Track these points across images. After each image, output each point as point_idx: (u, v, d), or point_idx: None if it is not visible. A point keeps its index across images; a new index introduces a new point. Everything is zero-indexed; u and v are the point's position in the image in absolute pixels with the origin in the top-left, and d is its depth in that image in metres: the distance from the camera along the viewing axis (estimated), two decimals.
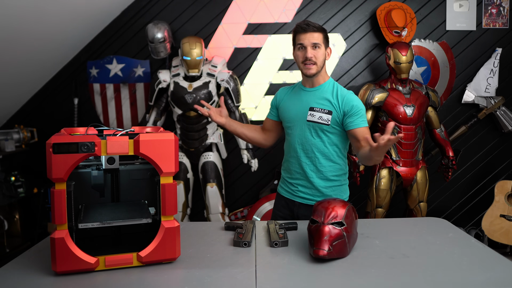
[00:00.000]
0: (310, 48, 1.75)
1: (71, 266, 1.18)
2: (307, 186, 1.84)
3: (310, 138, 1.80)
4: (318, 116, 1.76)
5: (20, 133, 3.19)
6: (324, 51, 1.79)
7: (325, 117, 1.76)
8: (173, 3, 3.30)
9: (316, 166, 1.81)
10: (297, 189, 1.87)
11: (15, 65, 2.87)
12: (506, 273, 1.20)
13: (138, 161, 1.42)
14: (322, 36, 1.77)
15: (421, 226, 1.67)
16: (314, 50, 1.76)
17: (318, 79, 1.82)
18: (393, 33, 3.12)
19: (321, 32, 1.77)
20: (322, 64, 1.79)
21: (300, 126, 1.81)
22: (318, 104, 1.78)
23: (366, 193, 3.06)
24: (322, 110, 1.77)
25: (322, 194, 1.82)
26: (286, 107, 1.88)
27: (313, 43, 1.75)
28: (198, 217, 3.33)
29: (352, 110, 1.74)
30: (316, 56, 1.76)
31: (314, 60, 1.75)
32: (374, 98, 2.87)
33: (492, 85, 3.29)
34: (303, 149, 1.82)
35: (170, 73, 3.00)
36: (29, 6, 2.41)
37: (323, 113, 1.76)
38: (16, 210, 3.20)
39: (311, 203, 1.80)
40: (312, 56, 1.75)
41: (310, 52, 1.75)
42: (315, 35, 1.75)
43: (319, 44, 1.75)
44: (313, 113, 1.77)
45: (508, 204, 3.03)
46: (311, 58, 1.75)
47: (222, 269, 1.24)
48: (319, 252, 1.26)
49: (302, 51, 1.77)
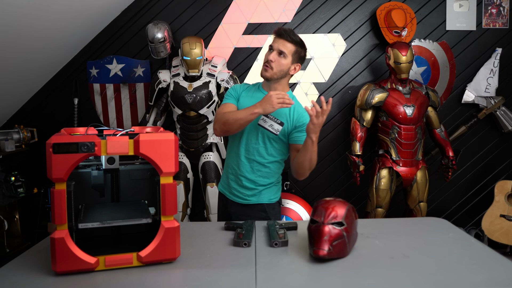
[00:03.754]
0: (276, 52, 1.75)
1: (71, 266, 1.18)
2: (238, 183, 1.87)
3: (254, 142, 1.82)
4: (270, 124, 1.78)
5: (20, 133, 3.19)
6: (288, 62, 1.77)
7: (276, 127, 1.77)
8: (173, 3, 3.30)
9: (253, 168, 1.83)
10: (231, 185, 1.90)
11: (15, 65, 2.87)
12: (506, 273, 1.20)
13: (138, 161, 1.41)
14: (294, 49, 1.76)
15: (421, 226, 1.67)
16: (278, 56, 1.75)
17: (277, 87, 1.81)
18: (393, 33, 3.12)
19: (294, 44, 1.76)
20: (280, 73, 1.77)
21: (249, 127, 1.80)
22: (273, 113, 1.76)
23: (366, 193, 3.07)
24: (275, 119, 1.78)
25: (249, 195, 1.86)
26: (243, 104, 1.85)
27: (279, 50, 1.75)
28: (198, 217, 3.33)
29: (303, 126, 1.75)
30: (277, 62, 1.75)
31: (272, 64, 1.75)
32: (374, 98, 2.87)
33: (492, 85, 3.29)
34: (245, 149, 1.83)
35: (170, 73, 3.00)
36: (29, 6, 2.41)
37: (275, 122, 1.78)
38: (16, 210, 3.20)
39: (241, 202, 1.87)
40: (272, 59, 1.74)
41: (273, 55, 1.75)
42: (287, 45, 1.75)
43: (285, 53, 1.75)
44: (266, 119, 1.78)
45: (508, 204, 3.03)
46: (270, 61, 1.75)
47: (222, 269, 1.24)
48: (319, 252, 1.26)
49: (269, 53, 1.78)
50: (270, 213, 1.88)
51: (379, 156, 2.96)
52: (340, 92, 3.36)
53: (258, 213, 1.86)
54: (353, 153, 2.96)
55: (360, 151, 2.96)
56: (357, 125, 2.98)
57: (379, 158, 2.95)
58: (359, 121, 2.97)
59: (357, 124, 2.98)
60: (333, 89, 3.36)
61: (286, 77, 1.82)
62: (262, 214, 1.86)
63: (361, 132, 2.96)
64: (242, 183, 1.87)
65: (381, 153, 2.95)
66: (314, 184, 3.41)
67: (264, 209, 1.88)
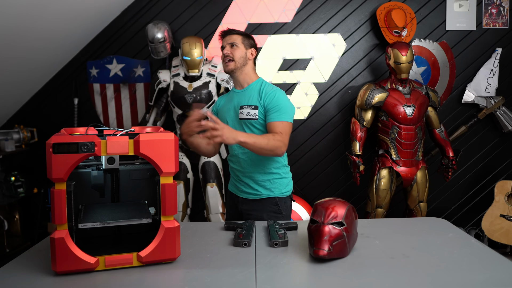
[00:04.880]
0: (228, 46, 1.89)
1: (71, 266, 1.18)
2: (248, 182, 1.91)
3: None
4: (247, 112, 1.87)
5: (20, 133, 3.19)
6: (243, 50, 1.90)
7: (252, 112, 1.85)
8: (173, 3, 3.30)
9: (254, 161, 1.87)
10: (241, 185, 1.94)
11: (15, 65, 2.87)
12: (506, 273, 1.20)
13: (138, 161, 1.41)
14: (240, 37, 1.90)
15: (421, 226, 1.67)
16: (231, 48, 1.88)
17: (245, 78, 1.93)
18: (393, 33, 3.13)
19: (239, 34, 1.91)
20: (241, 61, 1.89)
21: (234, 126, 1.88)
22: (246, 102, 1.87)
23: (366, 193, 3.07)
24: (249, 106, 1.87)
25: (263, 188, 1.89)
26: (223, 112, 1.97)
27: (229, 43, 1.89)
28: (198, 217, 3.33)
29: (270, 106, 1.82)
30: (233, 54, 1.87)
31: (230, 56, 1.87)
32: (374, 98, 2.87)
33: (492, 85, 3.29)
34: (239, 147, 1.87)
35: (170, 73, 3.00)
36: (29, 5, 2.41)
37: (250, 109, 1.86)
38: (16, 210, 3.20)
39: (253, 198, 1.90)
40: (228, 52, 1.87)
41: (227, 49, 1.88)
42: (233, 37, 1.89)
43: (236, 43, 1.88)
44: (243, 110, 1.88)
45: (508, 204, 3.03)
46: (227, 54, 1.87)
47: (222, 269, 1.24)
48: (319, 252, 1.26)
49: (222, 52, 1.90)
50: (282, 207, 1.91)
51: (379, 156, 2.96)
52: (340, 92, 3.36)
53: (270, 207, 1.89)
54: (353, 153, 2.96)
55: (360, 151, 2.96)
56: (357, 125, 2.98)
57: (379, 158, 2.95)
58: (359, 121, 2.97)
59: (357, 124, 2.98)
60: (333, 89, 3.36)
61: (248, 63, 1.92)
62: (274, 208, 1.89)
63: (361, 132, 2.96)
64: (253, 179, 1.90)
65: (381, 153, 2.95)
66: (314, 184, 3.41)
67: (276, 203, 1.90)
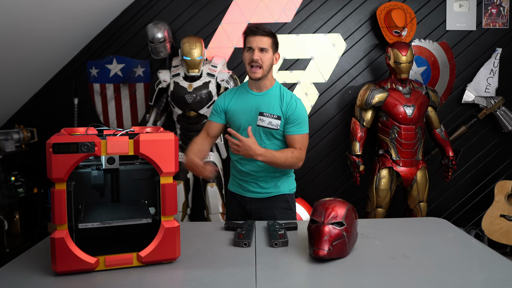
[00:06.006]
0: (257, 51, 1.77)
1: (71, 266, 1.18)
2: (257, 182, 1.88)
3: (260, 143, 1.81)
4: (268, 121, 1.79)
5: (20, 133, 3.19)
6: (271, 55, 1.80)
7: (275, 123, 1.79)
8: (173, 3, 3.30)
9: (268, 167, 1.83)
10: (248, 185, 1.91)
11: (15, 65, 2.87)
12: (506, 273, 1.20)
13: (138, 161, 1.42)
14: (270, 41, 1.79)
15: (421, 226, 1.67)
16: (261, 53, 1.77)
17: (265, 83, 1.84)
18: (393, 33, 3.13)
19: (270, 37, 1.79)
20: (268, 68, 1.80)
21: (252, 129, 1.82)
22: (267, 109, 1.80)
23: (366, 193, 3.07)
24: (272, 115, 1.80)
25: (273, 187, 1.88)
26: (234, 112, 1.87)
27: (260, 47, 1.77)
28: (198, 217, 3.32)
29: (291, 118, 1.78)
30: (262, 60, 1.77)
31: (260, 63, 1.77)
32: (374, 98, 2.87)
33: (492, 85, 3.29)
34: None
35: (170, 73, 3.00)
36: (29, 6, 2.41)
37: (272, 119, 1.79)
38: (16, 210, 3.20)
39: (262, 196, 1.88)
40: (258, 58, 1.76)
41: (257, 54, 1.76)
42: (263, 39, 1.77)
43: (266, 48, 1.77)
44: (263, 118, 1.80)
45: (508, 204, 3.03)
46: (257, 60, 1.76)
47: (222, 269, 1.24)
48: (319, 252, 1.26)
49: (250, 53, 1.79)
50: (292, 204, 1.91)
51: (379, 156, 2.96)
52: (340, 92, 3.36)
53: (281, 203, 1.88)
54: (353, 153, 2.96)
55: (360, 151, 2.96)
56: (357, 125, 2.98)
57: (379, 158, 2.95)
58: (359, 121, 2.97)
59: (357, 124, 2.98)
60: (333, 89, 3.36)
61: (271, 70, 1.84)
62: (285, 205, 1.88)
63: (361, 132, 2.96)
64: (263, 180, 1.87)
65: (381, 153, 2.95)
66: (314, 184, 3.41)
67: (287, 199, 1.90)
